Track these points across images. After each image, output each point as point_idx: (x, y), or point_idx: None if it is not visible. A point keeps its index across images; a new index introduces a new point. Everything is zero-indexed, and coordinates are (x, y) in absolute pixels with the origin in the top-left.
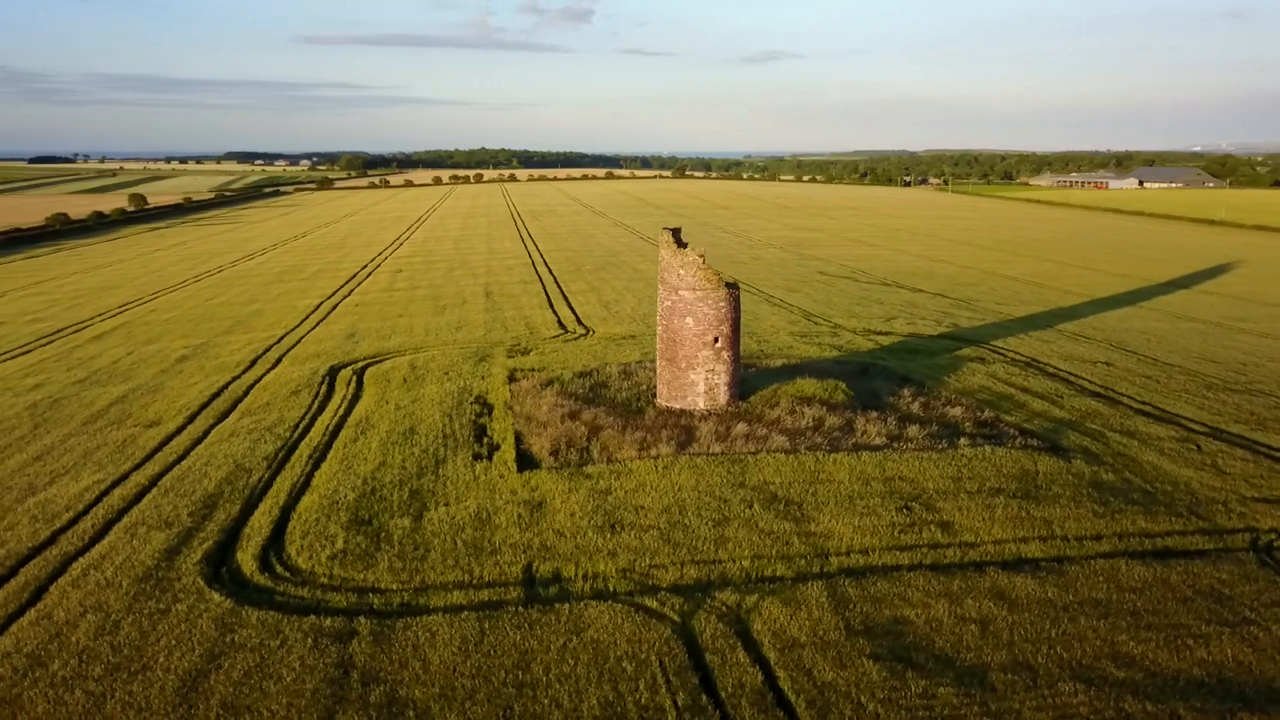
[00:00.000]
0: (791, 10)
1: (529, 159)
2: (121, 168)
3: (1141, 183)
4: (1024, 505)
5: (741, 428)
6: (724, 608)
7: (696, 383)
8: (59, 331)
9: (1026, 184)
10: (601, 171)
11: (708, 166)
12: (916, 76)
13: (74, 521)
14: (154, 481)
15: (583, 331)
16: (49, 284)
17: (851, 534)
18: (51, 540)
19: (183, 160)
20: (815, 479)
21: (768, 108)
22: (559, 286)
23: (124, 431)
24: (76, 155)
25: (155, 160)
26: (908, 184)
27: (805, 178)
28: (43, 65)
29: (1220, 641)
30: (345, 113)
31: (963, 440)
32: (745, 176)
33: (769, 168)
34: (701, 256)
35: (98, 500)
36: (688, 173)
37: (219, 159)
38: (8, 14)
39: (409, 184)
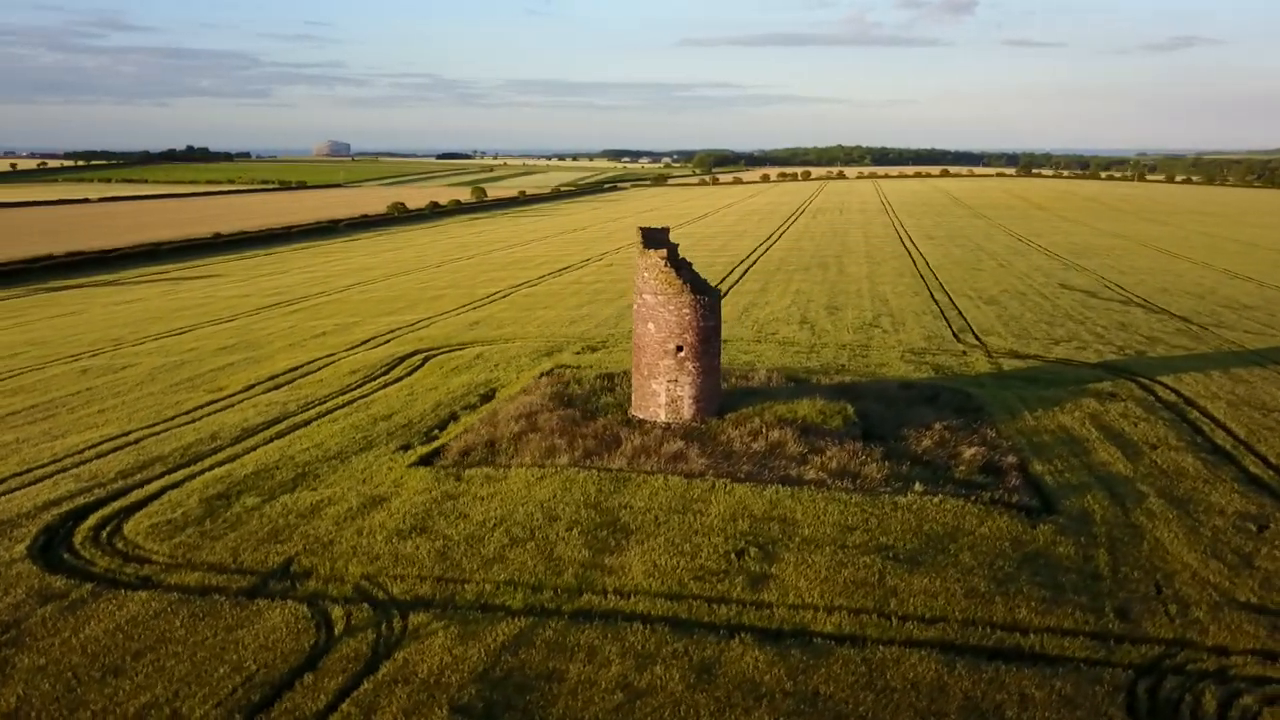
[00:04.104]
0: None
1: (884, 156)
2: (504, 163)
3: None
4: (893, 570)
5: (675, 446)
6: (397, 629)
7: (658, 393)
8: (274, 306)
9: None
10: (937, 169)
11: (1085, 165)
12: None
13: (37, 468)
14: (138, 441)
15: None
16: (328, 264)
17: (643, 573)
18: None
19: (561, 157)
20: (684, 508)
21: (1172, 100)
22: (723, 286)
23: (185, 396)
24: (475, 151)
25: (538, 157)
26: None
27: (1179, 178)
28: (467, 74)
29: None
30: (722, 111)
31: (919, 486)
32: (1104, 175)
33: (1159, 166)
34: (663, 259)
35: (74, 452)
36: (1034, 171)
37: (592, 156)
38: (442, 30)
39: (737, 181)
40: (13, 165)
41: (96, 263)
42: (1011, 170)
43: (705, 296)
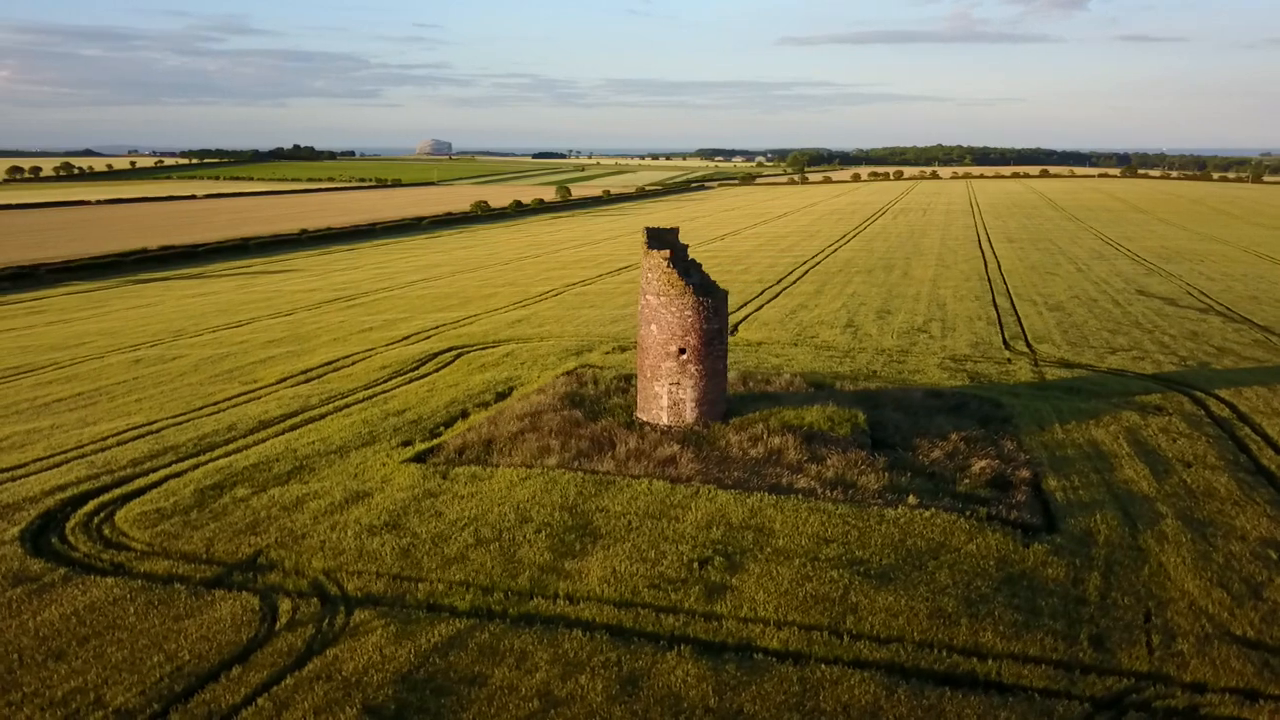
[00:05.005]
0: None
1: (985, 156)
2: (597, 163)
3: None
4: (859, 586)
5: (669, 450)
6: (338, 625)
7: (660, 395)
8: (335, 300)
9: None
10: (1036, 170)
11: (1202, 165)
12: None
13: (59, 454)
14: (159, 430)
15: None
16: (401, 260)
17: (599, 579)
18: (18, 466)
19: (655, 156)
20: (660, 514)
21: None
22: (778, 287)
23: (220, 387)
24: (570, 151)
25: (632, 156)
26: None
27: None
28: (567, 74)
29: None
30: (820, 110)
31: (912, 499)
32: (1216, 177)
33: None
34: (665, 259)
35: (99, 440)
36: (1141, 172)
37: (686, 155)
38: (544, 30)
39: (827, 180)
40: (132, 163)
41: (185, 256)
42: (1116, 171)
43: (709, 298)
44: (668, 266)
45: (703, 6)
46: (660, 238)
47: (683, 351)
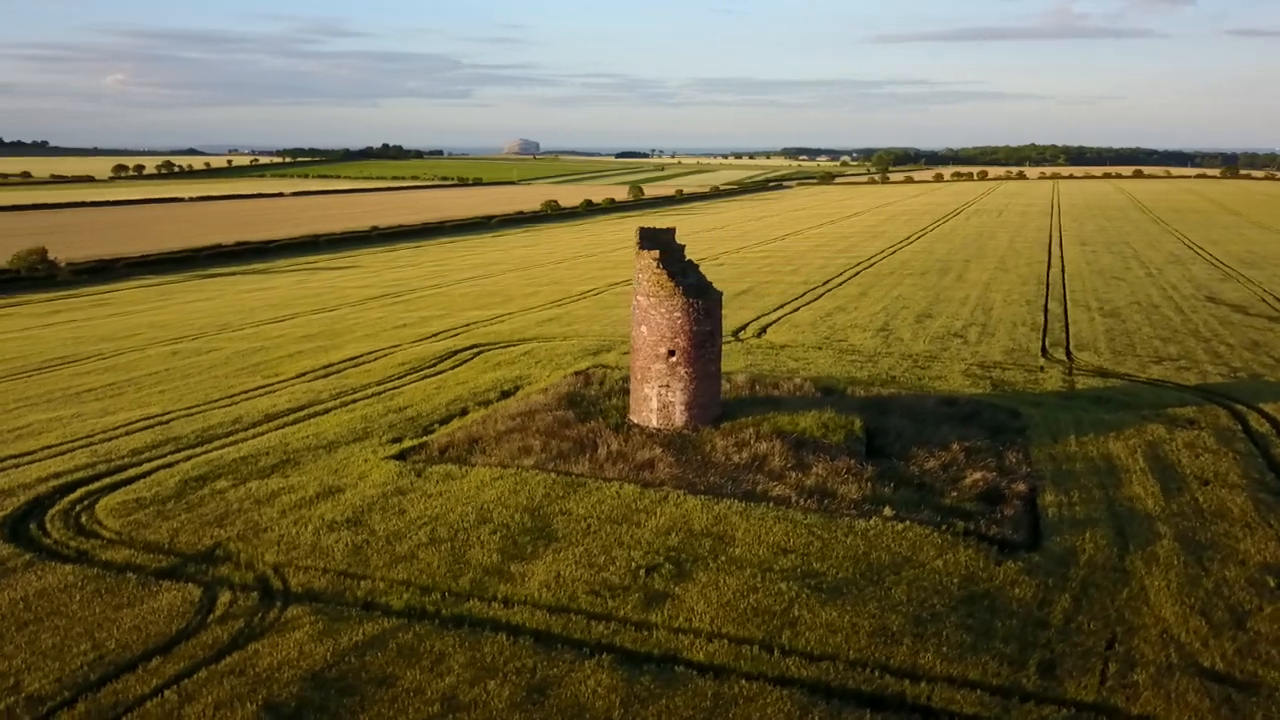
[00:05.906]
0: None
1: (1080, 156)
2: (679, 162)
3: None
4: (806, 599)
5: (649, 453)
6: (269, 620)
7: (650, 398)
8: (381, 297)
9: None
10: (1129, 170)
11: None
12: None
13: (68, 442)
14: (169, 422)
15: (753, 335)
16: (461, 258)
17: (540, 584)
18: (27, 453)
19: (739, 155)
20: (623, 518)
21: None
22: (823, 289)
23: (241, 380)
24: (652, 150)
25: (714, 155)
26: None
27: None
28: (655, 73)
29: None
30: (912, 109)
31: (888, 510)
32: None
33: None
34: (655, 259)
35: (110, 429)
36: (1243, 172)
37: (770, 154)
38: (632, 30)
39: (908, 180)
40: (229, 162)
41: (257, 252)
42: (1216, 171)
43: (699, 300)
44: (657, 267)
45: (793, 4)
46: (654, 237)
47: (672, 354)
